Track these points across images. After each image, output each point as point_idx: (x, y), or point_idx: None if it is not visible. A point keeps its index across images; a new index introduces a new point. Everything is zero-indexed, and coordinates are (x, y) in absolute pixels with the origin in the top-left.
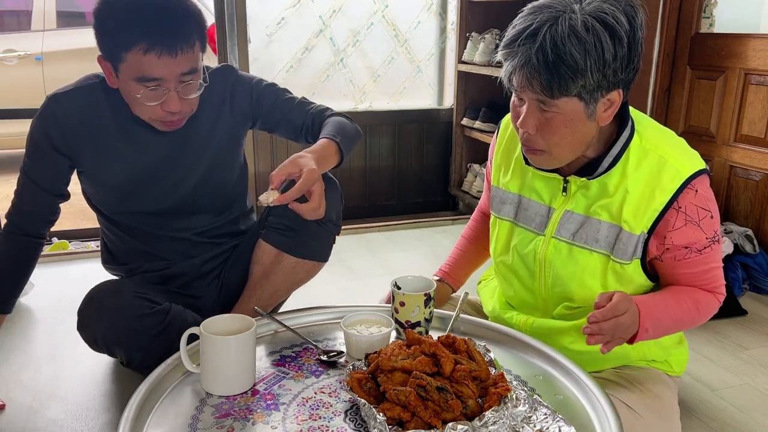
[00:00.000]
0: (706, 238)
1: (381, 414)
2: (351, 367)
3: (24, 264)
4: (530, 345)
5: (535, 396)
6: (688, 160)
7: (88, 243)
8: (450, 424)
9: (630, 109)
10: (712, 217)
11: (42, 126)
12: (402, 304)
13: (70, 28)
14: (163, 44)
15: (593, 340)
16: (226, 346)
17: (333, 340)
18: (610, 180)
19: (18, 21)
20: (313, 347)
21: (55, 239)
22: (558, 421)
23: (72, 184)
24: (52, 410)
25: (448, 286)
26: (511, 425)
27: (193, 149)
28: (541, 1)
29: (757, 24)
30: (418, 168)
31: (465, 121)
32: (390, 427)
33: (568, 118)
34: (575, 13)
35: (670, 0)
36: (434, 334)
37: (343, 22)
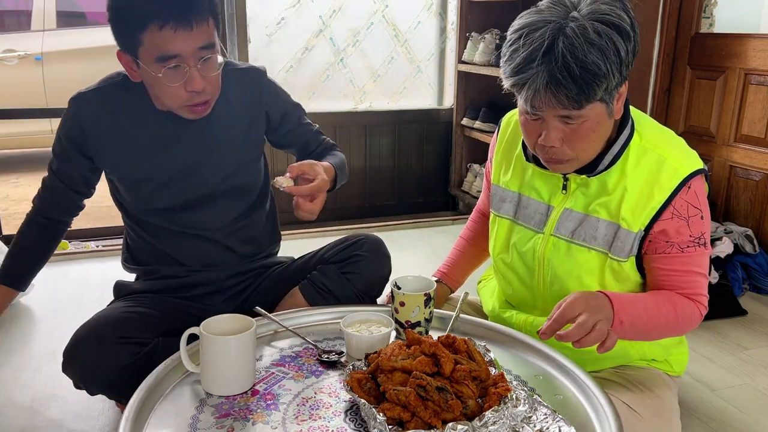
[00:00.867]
0: (690, 236)
1: (381, 414)
2: (351, 367)
3: (44, 246)
4: (530, 345)
5: (535, 396)
6: (687, 160)
7: (88, 243)
8: (450, 424)
9: (630, 109)
10: (702, 218)
11: (67, 127)
12: (402, 304)
13: (70, 28)
14: (177, 18)
15: (563, 339)
16: (226, 346)
17: (333, 340)
18: (610, 178)
19: (18, 21)
20: (313, 347)
21: None
22: (558, 420)
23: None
24: (52, 410)
25: (447, 287)
26: (511, 425)
27: (219, 143)
28: (528, 19)
29: (757, 24)
30: (418, 168)
31: (465, 121)
32: (390, 427)
33: (595, 123)
34: (576, 21)
35: (670, 0)
36: (434, 334)
37: (343, 22)
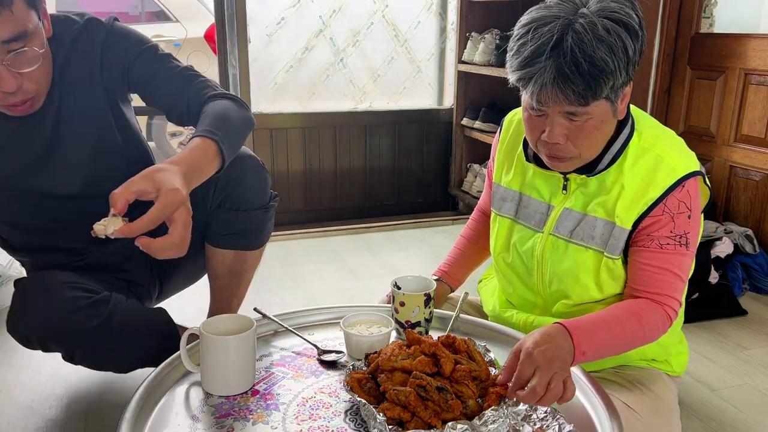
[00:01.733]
0: (672, 232)
1: (381, 414)
2: (351, 367)
3: None
4: None
5: None
6: (685, 160)
7: None
8: (450, 423)
9: (630, 108)
10: (689, 218)
11: None
12: (402, 304)
13: None
14: None
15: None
16: (226, 346)
17: (333, 340)
18: (608, 177)
19: None
20: (313, 347)
21: None
22: (558, 419)
23: None
24: (52, 410)
25: (447, 286)
26: (510, 424)
27: (67, 125)
28: (536, 14)
29: (757, 24)
30: (418, 168)
31: (465, 121)
32: (390, 427)
33: (599, 121)
34: (585, 17)
35: (670, 0)
36: (434, 334)
37: (343, 22)
